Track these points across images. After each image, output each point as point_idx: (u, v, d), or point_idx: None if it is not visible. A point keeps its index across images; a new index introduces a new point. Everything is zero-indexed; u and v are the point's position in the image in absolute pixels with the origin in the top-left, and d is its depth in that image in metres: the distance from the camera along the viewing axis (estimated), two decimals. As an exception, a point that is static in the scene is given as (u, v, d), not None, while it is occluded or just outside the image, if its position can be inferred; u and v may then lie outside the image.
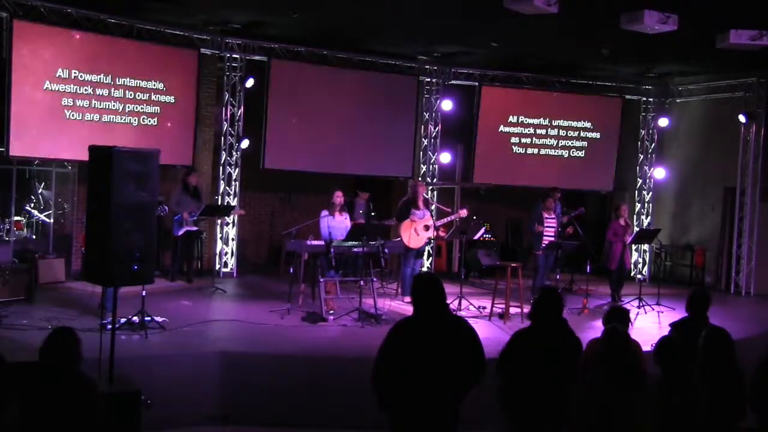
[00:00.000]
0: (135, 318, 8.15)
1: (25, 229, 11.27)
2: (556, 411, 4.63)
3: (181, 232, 11.39)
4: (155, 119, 11.96)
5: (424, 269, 13.43)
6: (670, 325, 6.12)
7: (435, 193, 14.41)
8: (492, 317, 10.05)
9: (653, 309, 11.20)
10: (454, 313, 4.96)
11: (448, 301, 4.60)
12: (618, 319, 5.47)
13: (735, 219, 13.92)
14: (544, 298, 4.85)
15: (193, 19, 11.84)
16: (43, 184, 11.73)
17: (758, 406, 4.43)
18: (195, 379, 7.21)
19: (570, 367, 4.73)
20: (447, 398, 4.31)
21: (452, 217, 11.39)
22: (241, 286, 12.18)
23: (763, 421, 4.38)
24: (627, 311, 5.89)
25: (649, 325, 10.07)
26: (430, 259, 14.33)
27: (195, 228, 11.65)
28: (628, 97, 15.19)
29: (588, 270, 11.65)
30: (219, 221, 12.79)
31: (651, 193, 15.45)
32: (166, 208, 10.73)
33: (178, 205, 11.31)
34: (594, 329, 9.12)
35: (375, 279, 10.16)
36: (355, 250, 9.54)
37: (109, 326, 6.28)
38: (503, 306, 10.10)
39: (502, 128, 14.47)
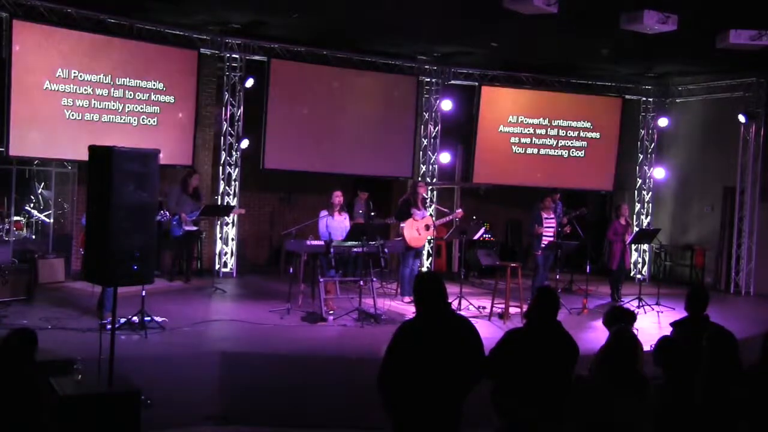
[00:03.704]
0: (135, 318, 8.15)
1: (24, 229, 11.26)
2: (550, 412, 4.62)
3: (179, 233, 11.39)
4: (155, 119, 11.96)
5: (424, 269, 13.43)
6: (671, 324, 6.12)
7: (435, 193, 14.41)
8: (492, 317, 10.05)
9: (653, 309, 11.21)
10: (457, 312, 4.96)
11: (449, 301, 4.59)
12: (624, 320, 5.46)
13: (735, 219, 13.93)
14: (540, 299, 4.84)
15: (193, 19, 11.84)
16: (43, 184, 11.73)
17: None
18: (195, 379, 7.20)
19: (565, 369, 4.72)
20: (451, 397, 4.32)
21: (449, 217, 11.46)
22: (241, 286, 12.18)
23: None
24: (630, 310, 5.88)
25: (649, 325, 10.07)
26: (430, 259, 14.34)
27: (195, 228, 11.65)
28: (627, 97, 15.19)
29: (588, 270, 11.66)
30: (219, 221, 12.79)
31: (651, 193, 15.45)
32: (167, 213, 10.75)
33: (177, 206, 11.31)
34: (594, 329, 9.13)
35: (374, 279, 10.16)
36: (355, 250, 9.55)
37: (109, 326, 6.28)
38: (503, 306, 10.10)
39: (501, 128, 14.47)
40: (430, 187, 14.11)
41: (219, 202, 12.76)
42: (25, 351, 4.35)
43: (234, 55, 12.76)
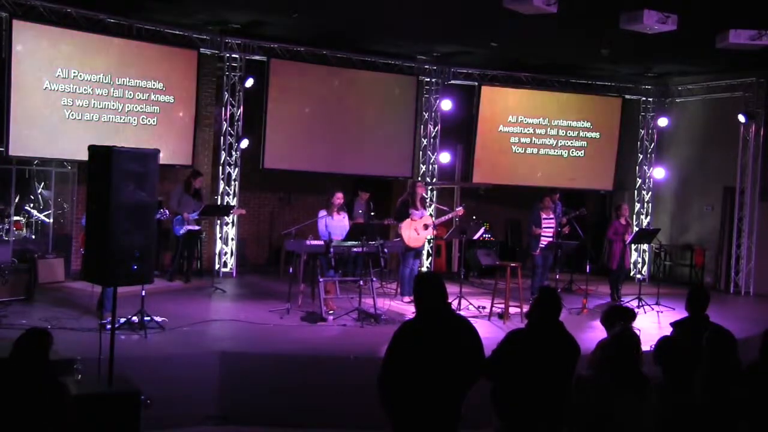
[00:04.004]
0: (134, 318, 8.14)
1: (24, 229, 11.26)
2: (550, 412, 4.62)
3: (182, 232, 11.38)
4: (155, 119, 11.96)
5: (423, 269, 13.43)
6: (672, 324, 6.12)
7: (434, 193, 14.41)
8: (491, 317, 10.05)
9: (653, 309, 11.21)
10: (456, 312, 4.96)
11: (449, 301, 4.60)
12: (623, 318, 5.45)
13: (735, 219, 13.93)
14: (542, 299, 4.84)
15: (193, 18, 11.84)
16: (43, 183, 11.72)
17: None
18: (195, 379, 7.20)
19: (566, 369, 4.72)
20: (451, 397, 4.32)
21: (450, 215, 11.46)
22: (241, 285, 12.17)
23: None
24: (630, 309, 5.87)
25: (649, 325, 10.07)
26: (430, 258, 14.34)
27: (197, 227, 11.64)
28: (627, 96, 15.19)
29: (588, 270, 11.66)
30: (218, 221, 12.79)
31: (650, 192, 15.45)
32: (167, 212, 10.74)
33: (180, 205, 11.31)
34: (594, 329, 9.12)
35: (374, 279, 10.16)
36: (355, 250, 9.54)
37: (109, 326, 6.28)
38: (503, 306, 10.10)
39: (501, 128, 14.47)
40: (429, 187, 14.12)
41: (219, 202, 12.76)
42: (42, 350, 4.34)
43: (234, 55, 12.76)
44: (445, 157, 14.46)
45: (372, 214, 11.06)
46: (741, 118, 13.56)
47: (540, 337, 4.70)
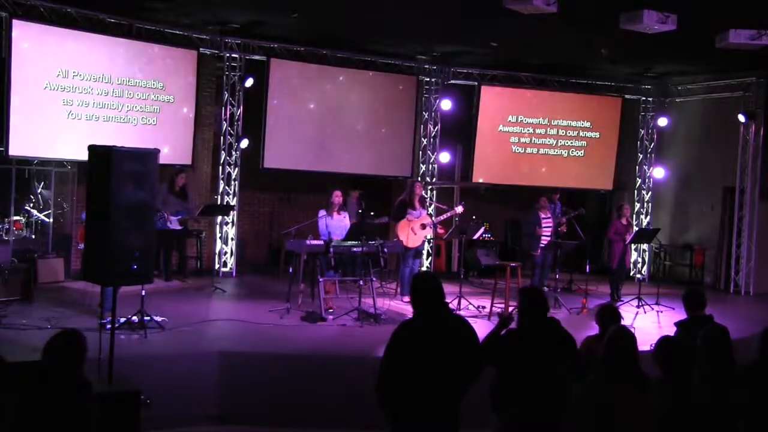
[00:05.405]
0: (134, 318, 8.14)
1: (24, 229, 11.26)
2: (549, 410, 4.63)
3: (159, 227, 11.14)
4: (155, 119, 11.96)
5: (423, 269, 13.43)
6: (675, 324, 6.12)
7: (434, 192, 14.41)
8: (491, 317, 10.05)
9: (652, 309, 11.21)
10: (454, 312, 4.96)
11: (447, 301, 4.60)
12: (615, 319, 5.46)
13: (735, 219, 13.93)
14: (523, 301, 4.86)
15: (193, 18, 11.84)
16: (43, 183, 11.72)
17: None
18: (194, 378, 7.20)
19: (563, 367, 4.72)
20: (449, 398, 4.31)
21: (449, 213, 11.47)
22: (241, 285, 12.18)
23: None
24: (617, 309, 5.88)
25: (649, 324, 10.08)
26: (430, 258, 14.34)
27: (180, 227, 11.55)
28: (627, 96, 15.19)
29: (587, 270, 11.66)
30: (218, 221, 12.78)
31: (650, 192, 15.45)
32: (166, 215, 10.70)
33: (164, 204, 11.23)
34: (594, 329, 9.12)
35: (374, 279, 10.16)
36: (355, 249, 9.54)
37: (109, 326, 6.28)
38: (503, 306, 10.10)
39: (501, 128, 14.47)
40: (429, 187, 14.12)
41: (219, 202, 12.76)
42: (78, 355, 4.33)
43: (233, 55, 12.76)
44: (444, 157, 14.46)
45: (371, 213, 11.04)
46: (741, 117, 13.56)
47: (534, 336, 4.71)
